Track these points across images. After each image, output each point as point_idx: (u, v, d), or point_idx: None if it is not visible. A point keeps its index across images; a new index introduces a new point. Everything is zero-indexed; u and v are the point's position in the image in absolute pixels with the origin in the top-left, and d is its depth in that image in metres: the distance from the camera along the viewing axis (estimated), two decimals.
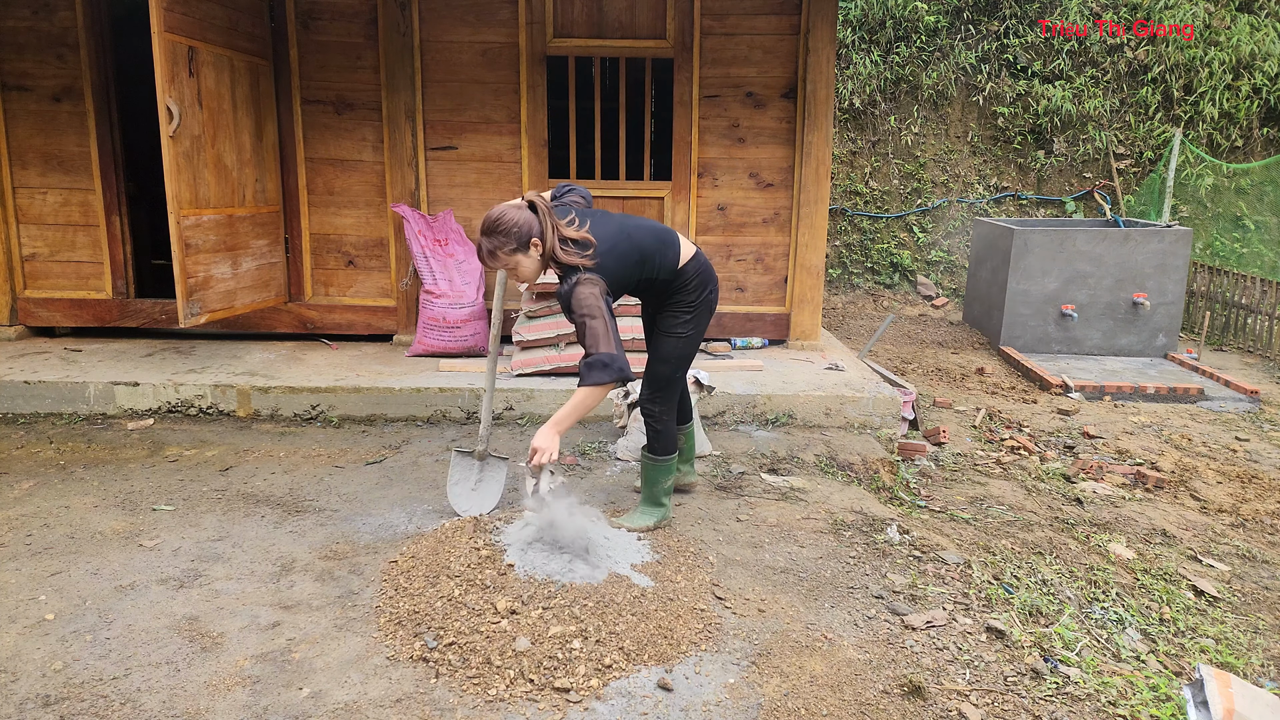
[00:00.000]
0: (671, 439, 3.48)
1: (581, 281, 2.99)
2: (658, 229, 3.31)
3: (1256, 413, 5.81)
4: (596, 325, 2.96)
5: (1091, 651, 2.77)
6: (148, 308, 5.83)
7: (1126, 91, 9.96)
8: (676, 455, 3.52)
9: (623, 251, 3.12)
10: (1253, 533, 3.95)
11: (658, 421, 3.46)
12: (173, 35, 4.55)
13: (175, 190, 4.64)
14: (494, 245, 3.01)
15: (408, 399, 4.83)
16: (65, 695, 2.39)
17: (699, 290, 3.36)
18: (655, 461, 3.47)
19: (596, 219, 3.18)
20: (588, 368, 2.99)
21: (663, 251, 3.25)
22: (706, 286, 3.39)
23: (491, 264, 3.07)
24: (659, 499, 3.51)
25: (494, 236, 3.00)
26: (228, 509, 3.64)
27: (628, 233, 3.17)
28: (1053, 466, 4.63)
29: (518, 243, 2.99)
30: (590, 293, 2.98)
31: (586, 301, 2.97)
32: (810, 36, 5.50)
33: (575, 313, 2.99)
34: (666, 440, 3.47)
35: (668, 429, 3.47)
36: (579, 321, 2.99)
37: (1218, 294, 7.85)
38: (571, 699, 2.39)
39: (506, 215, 2.99)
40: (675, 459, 3.51)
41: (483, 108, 5.68)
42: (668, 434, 3.47)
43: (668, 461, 3.48)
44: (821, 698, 2.45)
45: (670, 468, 3.49)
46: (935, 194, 9.86)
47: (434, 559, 3.05)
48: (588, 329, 2.97)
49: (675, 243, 3.32)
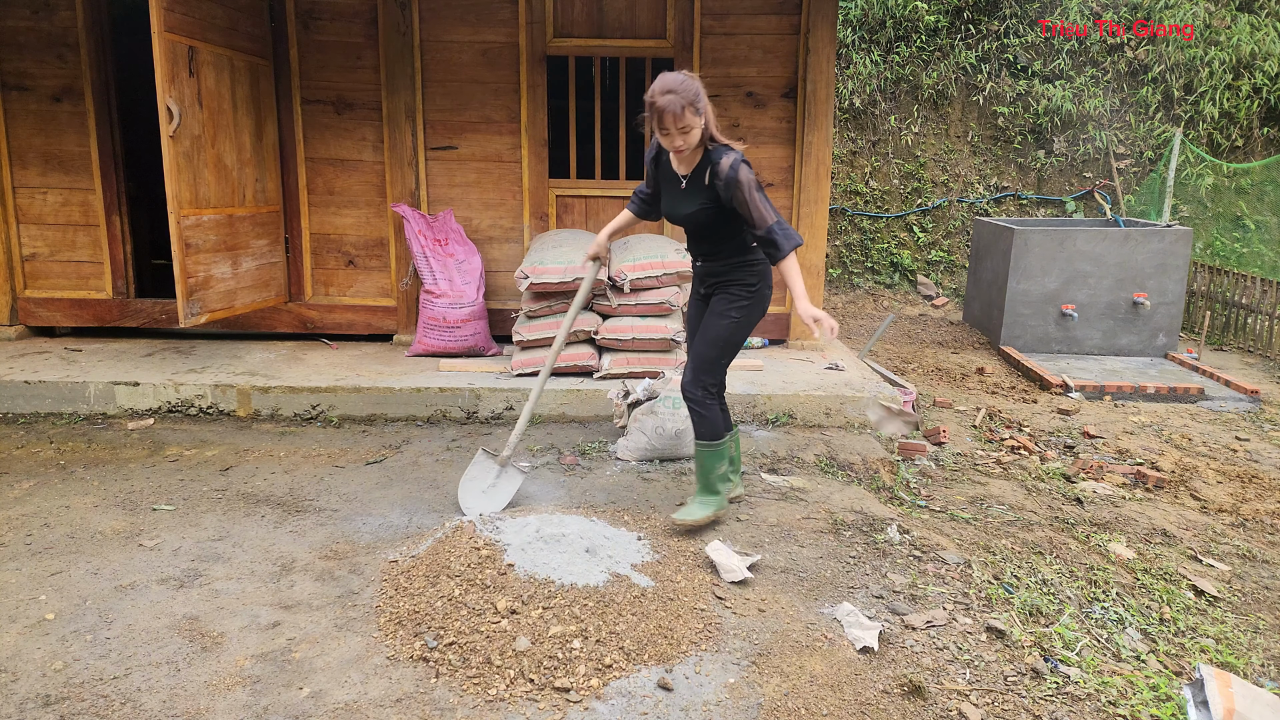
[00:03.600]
0: (717, 423, 3.44)
1: (744, 161, 3.16)
2: None
3: (1257, 412, 5.81)
4: (764, 197, 3.16)
5: (1091, 651, 2.77)
6: (148, 308, 5.83)
7: (1126, 91, 9.96)
8: (727, 439, 3.48)
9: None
10: (1253, 532, 3.94)
11: (701, 406, 3.42)
12: (173, 35, 4.55)
13: (175, 190, 4.65)
14: (684, 101, 3.04)
15: (408, 399, 4.83)
16: (65, 695, 2.39)
17: (761, 278, 3.40)
18: (705, 448, 3.44)
19: None
20: (784, 234, 3.17)
21: None
22: (766, 279, 3.43)
23: (674, 126, 3.08)
24: (714, 487, 3.47)
25: (681, 93, 3.04)
26: (228, 509, 3.64)
27: None
28: (1053, 466, 4.63)
29: (695, 103, 3.07)
30: (751, 169, 3.18)
31: (752, 177, 3.15)
32: (810, 36, 5.50)
33: (745, 185, 3.12)
34: (712, 424, 3.43)
35: (712, 413, 3.43)
36: (749, 196, 3.13)
37: (1218, 294, 7.85)
38: (572, 699, 2.39)
39: (676, 77, 3.07)
40: (725, 443, 3.46)
41: (483, 107, 5.68)
42: (713, 419, 3.43)
43: (718, 446, 3.44)
44: (821, 697, 2.45)
45: (721, 453, 3.45)
46: (935, 194, 9.86)
47: (434, 558, 3.06)
48: (758, 201, 3.14)
49: None
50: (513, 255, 5.87)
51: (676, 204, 3.38)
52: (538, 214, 5.80)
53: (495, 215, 5.84)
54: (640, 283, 4.98)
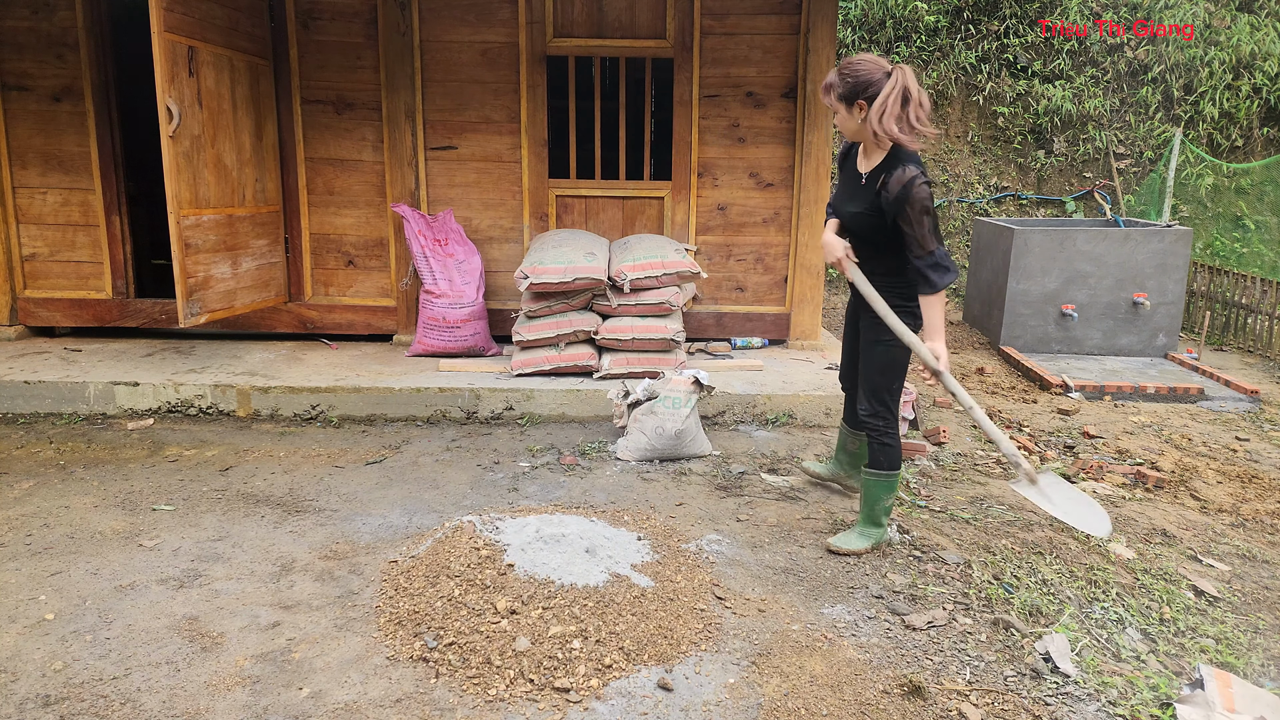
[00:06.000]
0: (897, 453, 3.27)
1: (924, 180, 2.96)
2: None
3: (1257, 412, 5.81)
4: (933, 224, 2.98)
5: (1091, 651, 2.77)
6: (148, 308, 5.83)
7: (1126, 91, 9.96)
8: (901, 472, 3.27)
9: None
10: (1253, 532, 3.94)
11: (883, 435, 3.26)
12: (173, 35, 4.55)
13: (175, 190, 4.64)
14: (832, 85, 3.02)
15: (408, 399, 4.83)
16: (65, 695, 2.39)
17: (913, 300, 3.17)
18: (878, 478, 3.26)
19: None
20: (936, 268, 2.99)
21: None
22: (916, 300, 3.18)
23: (824, 98, 3.08)
24: (878, 519, 3.31)
25: (836, 78, 3.01)
26: (228, 509, 3.64)
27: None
28: (1053, 466, 4.63)
29: (845, 91, 2.99)
30: (928, 193, 2.97)
31: (925, 199, 2.95)
32: (810, 36, 5.50)
33: (914, 206, 2.95)
34: (892, 454, 3.25)
35: (893, 440, 3.25)
36: (915, 217, 2.95)
37: (1218, 294, 7.85)
38: (571, 699, 2.39)
39: (857, 62, 2.98)
40: (899, 476, 3.30)
41: (483, 107, 5.68)
42: (897, 448, 3.26)
43: (892, 478, 3.26)
44: (821, 697, 2.45)
45: (894, 485, 3.28)
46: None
47: (434, 559, 3.06)
48: (924, 226, 2.96)
49: None
50: (513, 255, 5.87)
51: (845, 200, 3.24)
52: (537, 214, 5.81)
53: (495, 215, 5.84)
54: (640, 283, 4.98)
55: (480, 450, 4.39)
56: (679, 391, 4.26)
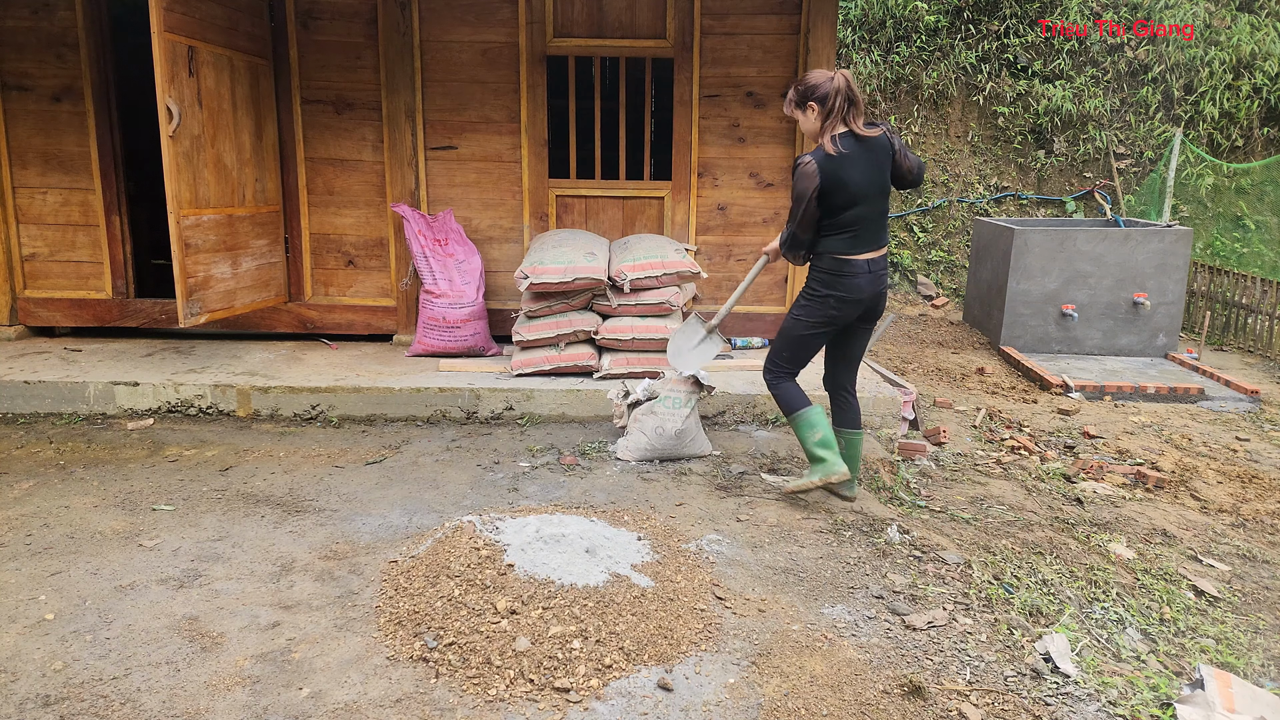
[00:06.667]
0: (785, 399, 3.73)
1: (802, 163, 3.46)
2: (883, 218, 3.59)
3: (1257, 413, 5.81)
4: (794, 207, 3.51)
5: (1091, 651, 2.77)
6: (148, 307, 5.83)
7: (1127, 91, 9.96)
8: (807, 411, 3.70)
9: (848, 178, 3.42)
10: (1253, 533, 3.94)
11: (771, 388, 3.79)
12: (173, 35, 4.55)
13: (175, 190, 4.64)
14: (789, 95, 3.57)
15: (408, 399, 4.83)
16: (65, 695, 2.39)
17: (823, 285, 3.58)
18: (791, 421, 3.77)
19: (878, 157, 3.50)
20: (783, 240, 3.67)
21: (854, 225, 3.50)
22: (833, 288, 3.56)
23: (785, 109, 3.61)
24: (813, 454, 3.69)
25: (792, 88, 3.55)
26: (228, 509, 3.64)
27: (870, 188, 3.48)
28: (1053, 466, 4.63)
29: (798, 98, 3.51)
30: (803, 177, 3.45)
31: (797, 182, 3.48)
32: (810, 36, 5.50)
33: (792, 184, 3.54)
34: (783, 402, 3.75)
35: (779, 392, 3.75)
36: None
37: (1218, 294, 7.85)
38: (571, 699, 2.39)
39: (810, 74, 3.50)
40: (808, 414, 3.69)
41: (483, 107, 5.68)
42: (782, 396, 3.75)
43: (796, 418, 3.71)
44: (822, 698, 2.45)
45: (805, 422, 3.69)
46: (935, 194, 9.86)
47: (434, 559, 3.05)
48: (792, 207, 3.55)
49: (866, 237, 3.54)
50: (513, 255, 5.87)
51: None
52: (537, 214, 5.80)
53: (495, 215, 5.84)
54: (640, 283, 4.98)
55: (480, 450, 4.39)
56: (679, 391, 4.26)
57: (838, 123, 3.42)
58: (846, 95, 3.39)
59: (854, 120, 3.43)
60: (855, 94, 3.43)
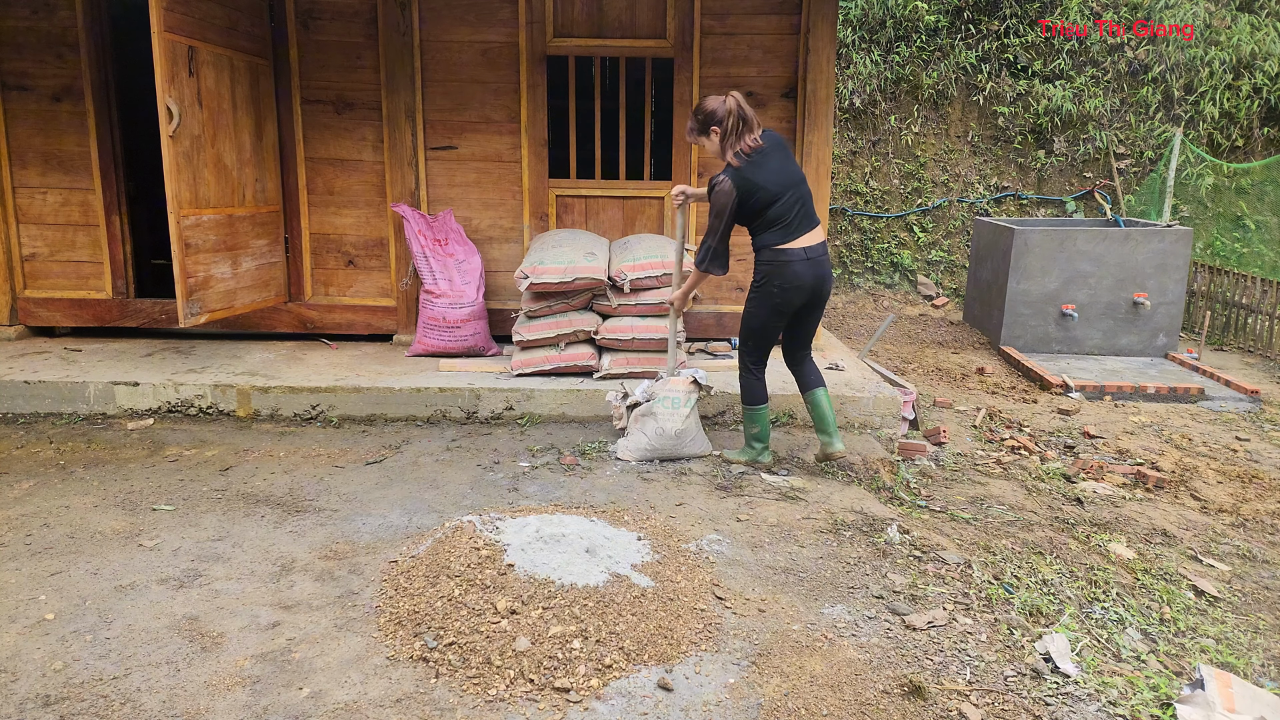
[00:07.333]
0: (747, 391, 4.10)
1: (719, 181, 3.82)
2: (806, 203, 3.88)
3: (1257, 413, 5.81)
4: (713, 220, 3.88)
5: (1092, 651, 2.77)
6: (148, 307, 5.83)
7: (1127, 91, 9.96)
8: (760, 408, 4.09)
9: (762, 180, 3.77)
10: (1253, 533, 3.94)
11: (740, 376, 4.13)
12: (173, 35, 4.55)
13: (175, 190, 4.64)
14: (689, 125, 3.94)
15: (408, 399, 4.83)
16: (65, 695, 2.39)
17: (765, 278, 3.90)
18: (744, 409, 4.15)
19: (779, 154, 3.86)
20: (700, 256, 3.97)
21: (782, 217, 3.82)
22: (774, 279, 3.87)
23: (688, 138, 3.99)
24: (749, 441, 4.18)
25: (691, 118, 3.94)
26: (228, 509, 3.64)
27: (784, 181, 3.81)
28: (1053, 466, 4.63)
29: (699, 126, 3.89)
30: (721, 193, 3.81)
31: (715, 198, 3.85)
32: (810, 36, 5.50)
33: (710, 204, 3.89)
34: (744, 392, 4.11)
35: (745, 383, 4.10)
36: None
37: (1218, 294, 7.85)
38: (571, 699, 2.39)
39: (706, 101, 3.87)
40: (759, 410, 4.09)
41: (483, 107, 5.68)
42: (746, 386, 4.11)
43: (749, 410, 4.11)
44: (822, 698, 2.45)
45: (753, 416, 4.11)
46: (935, 194, 9.86)
47: (434, 559, 3.05)
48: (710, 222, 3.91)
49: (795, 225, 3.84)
50: (513, 255, 5.87)
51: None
52: (537, 214, 5.80)
53: (495, 215, 5.84)
54: (640, 283, 4.98)
55: (480, 450, 4.39)
56: (678, 392, 4.26)
57: (736, 140, 3.81)
58: (739, 115, 3.79)
59: (748, 135, 3.81)
60: (747, 112, 3.82)
